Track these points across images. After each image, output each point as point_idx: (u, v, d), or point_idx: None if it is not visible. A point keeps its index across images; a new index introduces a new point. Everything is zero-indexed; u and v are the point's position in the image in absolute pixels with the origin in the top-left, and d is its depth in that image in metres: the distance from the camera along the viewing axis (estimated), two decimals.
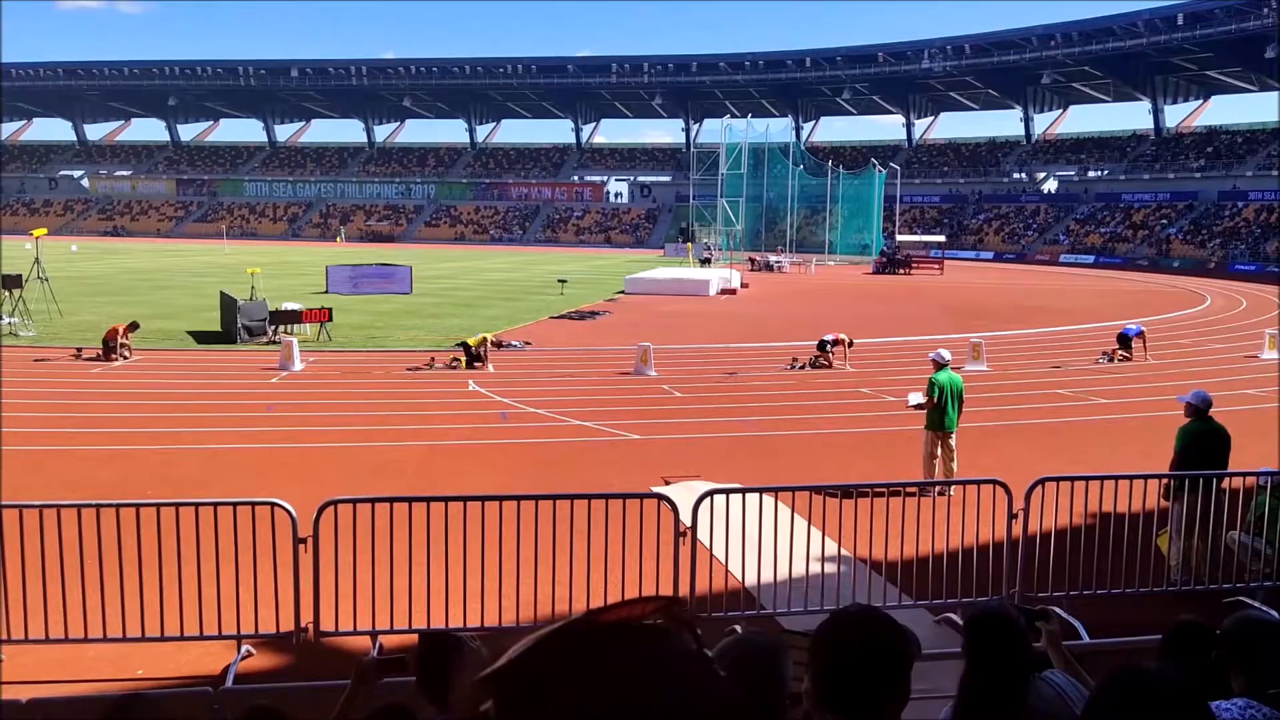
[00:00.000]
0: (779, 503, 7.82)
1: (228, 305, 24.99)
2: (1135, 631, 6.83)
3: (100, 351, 20.73)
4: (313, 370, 19.85)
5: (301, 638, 6.73)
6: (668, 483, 11.36)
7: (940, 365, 11.63)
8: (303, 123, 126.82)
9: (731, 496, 7.53)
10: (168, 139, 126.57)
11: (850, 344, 21.93)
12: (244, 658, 6.80)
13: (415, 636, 4.54)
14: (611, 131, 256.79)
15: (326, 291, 37.18)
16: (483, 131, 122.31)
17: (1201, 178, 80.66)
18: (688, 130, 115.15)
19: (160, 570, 6.51)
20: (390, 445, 13.50)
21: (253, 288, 27.15)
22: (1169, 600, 7.81)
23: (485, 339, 21.18)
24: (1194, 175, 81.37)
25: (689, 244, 73.14)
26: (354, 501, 6.91)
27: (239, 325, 23.86)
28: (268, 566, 6.59)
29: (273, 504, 6.68)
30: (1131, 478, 8.52)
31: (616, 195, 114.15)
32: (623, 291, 41.49)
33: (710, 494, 7.42)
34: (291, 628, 6.70)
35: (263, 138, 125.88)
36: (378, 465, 12.34)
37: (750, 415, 15.97)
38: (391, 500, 6.86)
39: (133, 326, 21.57)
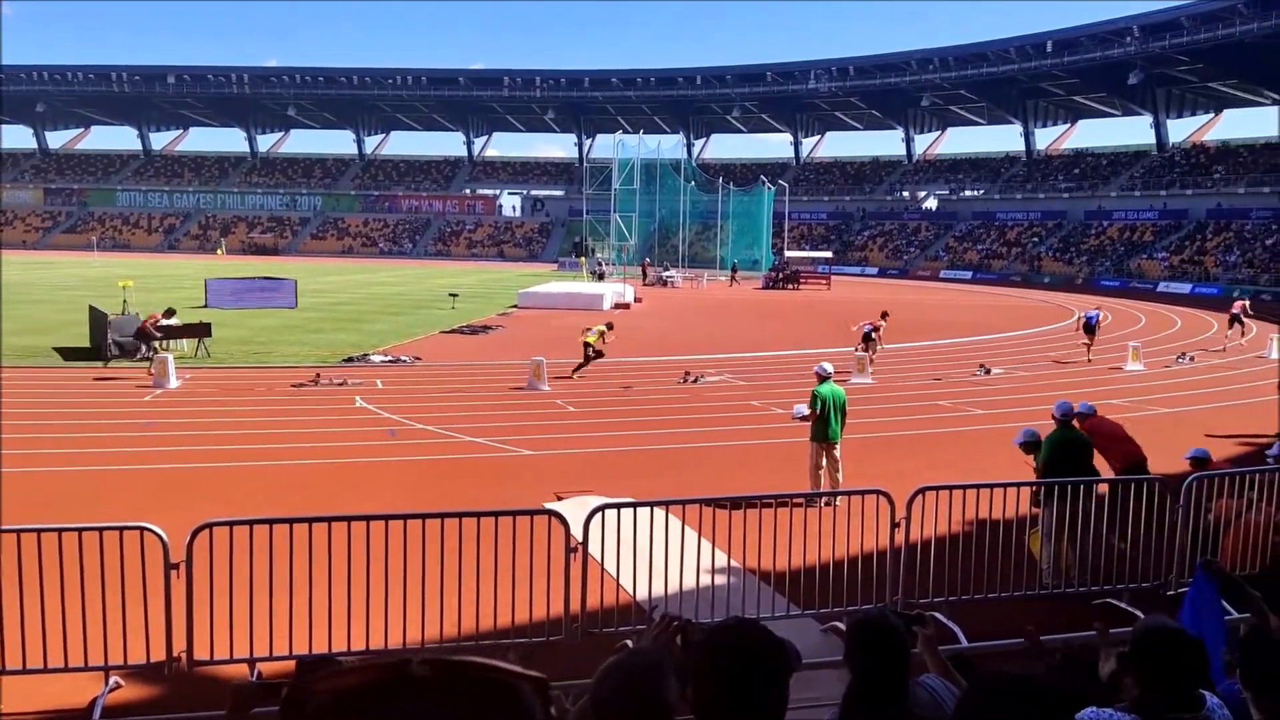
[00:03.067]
0: (670, 516, 7.86)
1: (97, 320, 23.88)
2: (1012, 634, 7.09)
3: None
4: (190, 388, 19.12)
5: (174, 667, 6.45)
6: (560, 499, 11.32)
7: (823, 378, 11.92)
8: (180, 130, 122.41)
9: (623, 511, 7.53)
10: (35, 146, 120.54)
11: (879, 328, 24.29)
12: (112, 689, 6.48)
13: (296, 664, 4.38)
14: (504, 145, 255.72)
15: (206, 306, 35.91)
16: (371, 143, 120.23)
17: (1069, 198, 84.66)
18: (581, 145, 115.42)
19: (21, 599, 6.15)
20: (274, 465, 13.08)
21: (125, 302, 26.02)
22: (1042, 603, 8.14)
23: (603, 334, 21.97)
24: (1062, 195, 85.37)
25: (582, 258, 73.23)
26: (230, 524, 6.67)
27: (110, 341, 22.82)
28: (138, 594, 6.30)
29: (142, 528, 6.39)
30: (1005, 485, 8.85)
31: (510, 209, 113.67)
32: (516, 306, 41.23)
33: (602, 509, 7.42)
34: (163, 657, 6.41)
35: (137, 145, 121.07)
36: (260, 486, 11.95)
37: (643, 429, 16.03)
38: (271, 521, 6.63)
39: (169, 314, 22.05)
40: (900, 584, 7.84)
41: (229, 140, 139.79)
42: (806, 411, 11.82)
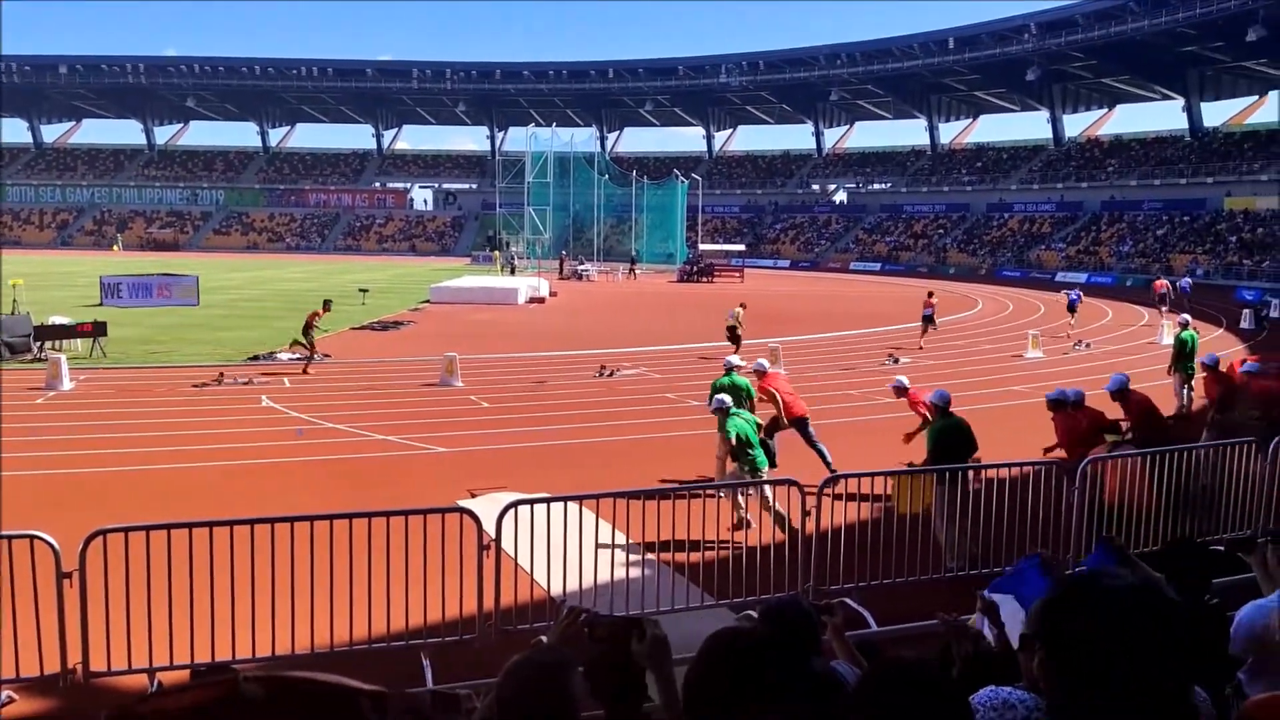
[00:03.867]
0: (584, 510, 7.84)
1: None
2: (920, 617, 7.25)
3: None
4: (85, 389, 18.40)
5: (69, 680, 6.19)
6: (474, 495, 11.22)
7: (729, 370, 12.11)
8: (73, 123, 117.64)
9: (537, 506, 7.49)
10: None
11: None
12: (5, 704, 6.20)
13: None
14: (415, 138, 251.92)
15: (101, 304, 34.59)
16: (276, 135, 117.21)
17: (972, 191, 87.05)
18: (493, 138, 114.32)
19: None
20: (174, 468, 12.67)
21: (15, 301, 24.92)
22: (948, 586, 8.34)
23: (738, 314, 23.37)
24: (965, 189, 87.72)
25: (496, 252, 72.66)
26: (126, 530, 6.42)
27: None
28: (29, 604, 6.03)
29: (32, 536, 6.12)
30: (913, 472, 9.05)
31: (421, 203, 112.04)
32: (428, 301, 40.72)
33: (515, 505, 7.36)
34: (58, 669, 6.15)
35: (28, 138, 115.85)
36: (159, 490, 11.55)
37: (559, 424, 15.98)
38: (169, 526, 6.41)
39: (327, 307, 22.49)
40: (812, 571, 7.96)
41: (125, 132, 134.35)
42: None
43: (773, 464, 11.08)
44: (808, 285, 60.84)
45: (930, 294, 29.43)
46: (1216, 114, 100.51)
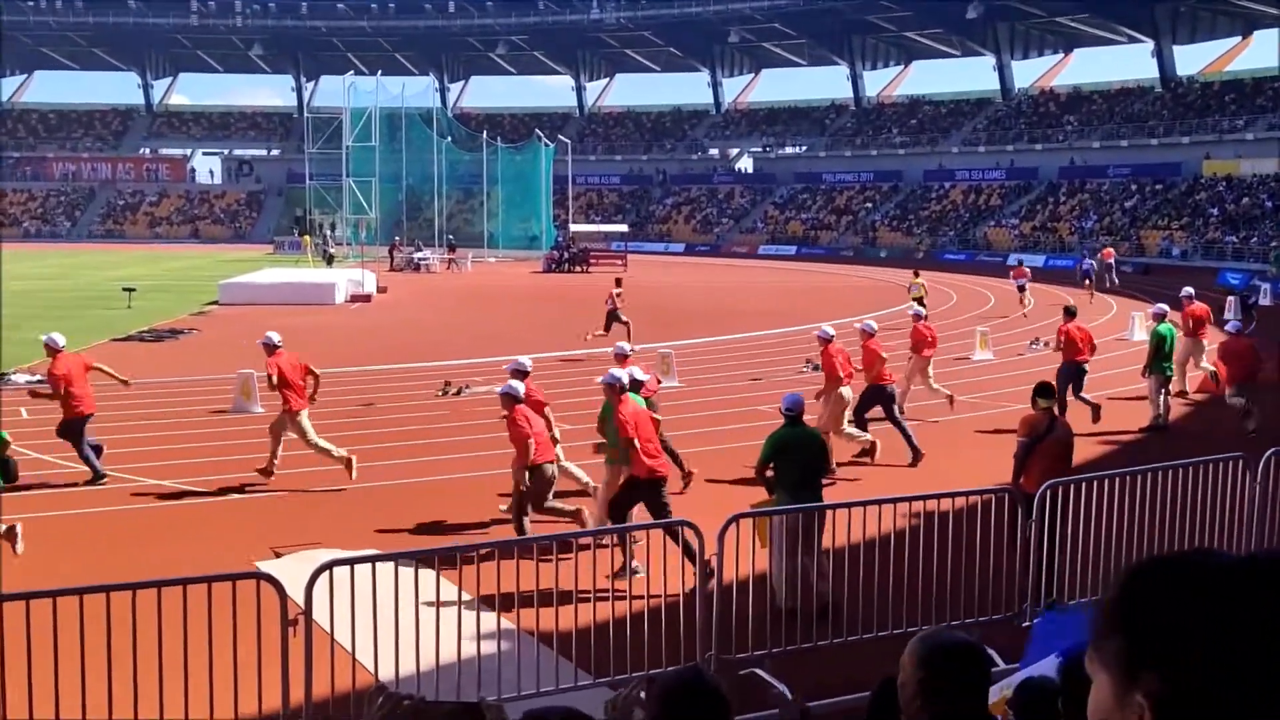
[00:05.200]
0: (421, 569, 7.78)
1: None
2: (850, 689, 7.41)
3: None
4: None
5: None
6: (278, 555, 11.07)
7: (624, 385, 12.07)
8: None
9: (359, 567, 7.42)
10: None
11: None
12: None
13: None
14: (196, 90, 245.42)
15: None
16: (8, 87, 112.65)
17: (906, 155, 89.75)
18: (300, 90, 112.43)
19: None
20: None
21: None
22: (884, 646, 8.53)
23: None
24: (898, 151, 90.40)
25: (306, 237, 71.38)
26: None
27: None
28: None
29: None
30: (836, 507, 9.26)
31: (206, 174, 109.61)
32: (217, 302, 39.85)
33: (331, 565, 7.29)
34: None
35: None
36: None
37: (391, 458, 15.81)
38: None
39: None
40: (714, 636, 8.06)
41: None
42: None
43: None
44: (707, 275, 61.64)
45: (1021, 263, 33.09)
46: (1192, 59, 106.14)
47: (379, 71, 78.36)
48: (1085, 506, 9.29)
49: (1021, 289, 37.36)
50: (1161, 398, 17.89)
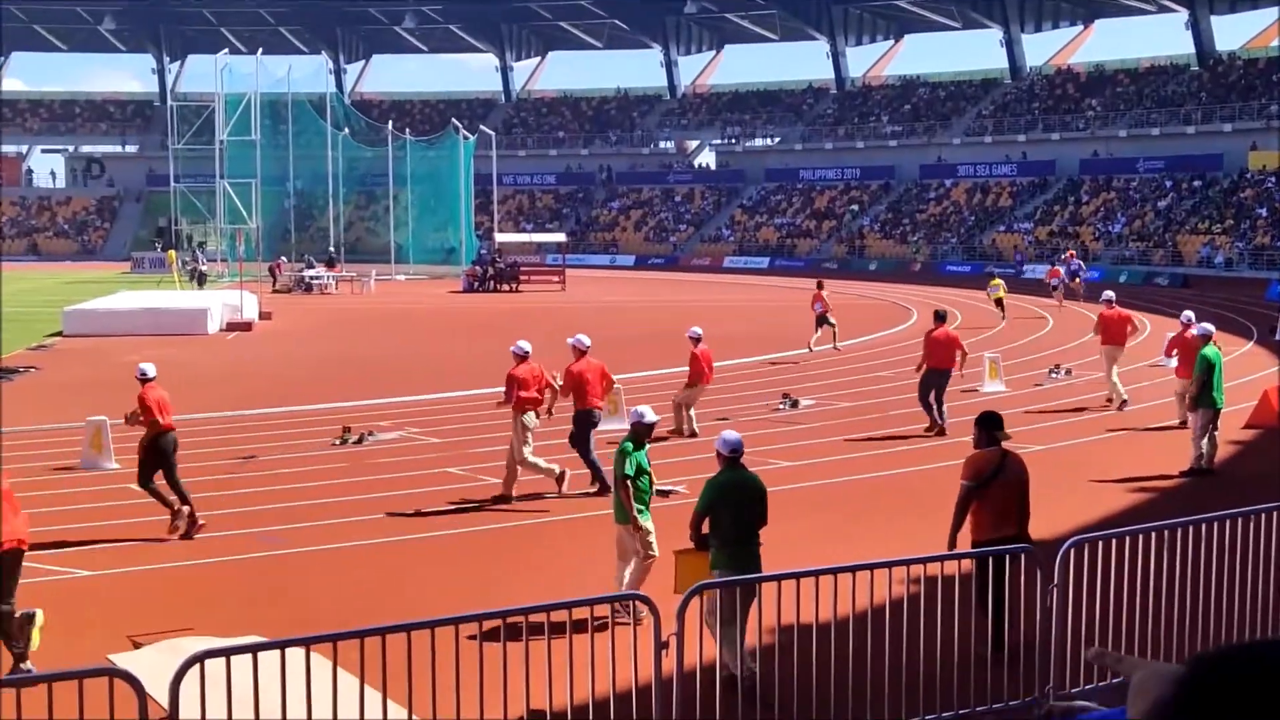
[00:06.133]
0: (314, 657, 7.72)
1: None
2: None
3: None
4: None
5: None
6: (137, 645, 10.96)
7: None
8: None
9: (238, 659, 7.37)
10: None
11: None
12: None
13: None
14: (33, 73, 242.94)
15: None
16: None
17: (898, 146, 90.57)
18: (162, 72, 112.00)
19: None
20: None
21: None
22: None
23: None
24: (888, 143, 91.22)
25: (172, 253, 70.90)
26: None
27: None
28: None
29: None
30: (819, 573, 9.28)
31: (47, 176, 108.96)
32: (60, 333, 39.44)
33: (202, 657, 7.25)
34: None
35: None
36: None
37: (276, 521, 15.71)
38: None
39: None
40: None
41: None
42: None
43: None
44: (662, 292, 61.77)
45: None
46: (1234, 32, 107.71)
47: (259, 50, 78.30)
48: (1104, 567, 9.37)
49: (1055, 288, 42.98)
50: (1208, 437, 17.75)
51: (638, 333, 39.97)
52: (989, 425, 10.74)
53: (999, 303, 42.01)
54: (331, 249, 72.29)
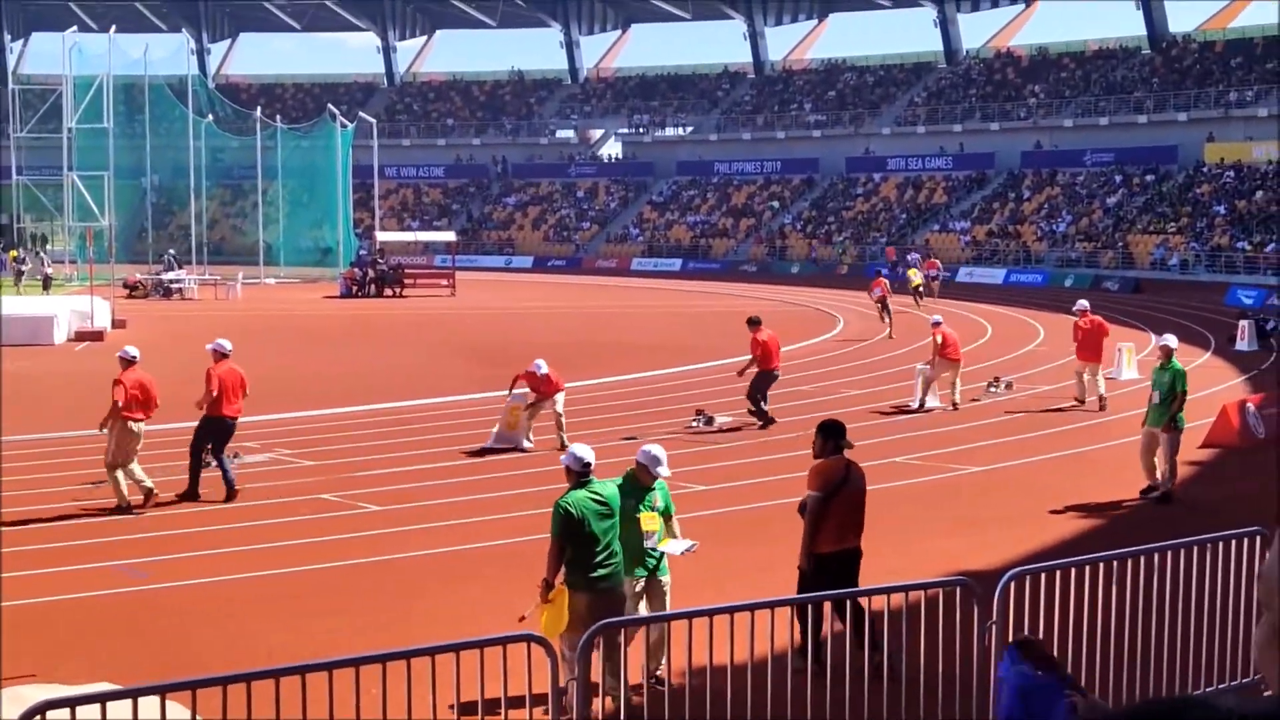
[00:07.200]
0: (170, 705, 7.63)
1: None
2: None
3: None
4: None
5: None
6: None
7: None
8: None
9: (85, 709, 7.25)
10: None
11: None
12: None
13: None
14: None
15: None
16: None
17: (822, 137, 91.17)
18: (2, 51, 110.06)
19: None
20: None
21: None
22: None
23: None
24: (812, 134, 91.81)
25: (13, 253, 69.82)
26: None
27: None
28: None
29: None
30: (755, 607, 9.31)
31: None
32: None
33: (44, 708, 7.15)
34: None
35: None
36: None
37: (128, 554, 15.53)
38: None
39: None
40: None
41: None
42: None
43: None
44: (563, 297, 61.74)
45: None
46: (1189, 13, 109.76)
47: (113, 27, 77.10)
48: (1048, 600, 9.47)
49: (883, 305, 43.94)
50: (1169, 459, 17.63)
51: (537, 340, 39.87)
52: (833, 434, 11.25)
53: (916, 290, 50.83)
54: (171, 252, 71.02)
